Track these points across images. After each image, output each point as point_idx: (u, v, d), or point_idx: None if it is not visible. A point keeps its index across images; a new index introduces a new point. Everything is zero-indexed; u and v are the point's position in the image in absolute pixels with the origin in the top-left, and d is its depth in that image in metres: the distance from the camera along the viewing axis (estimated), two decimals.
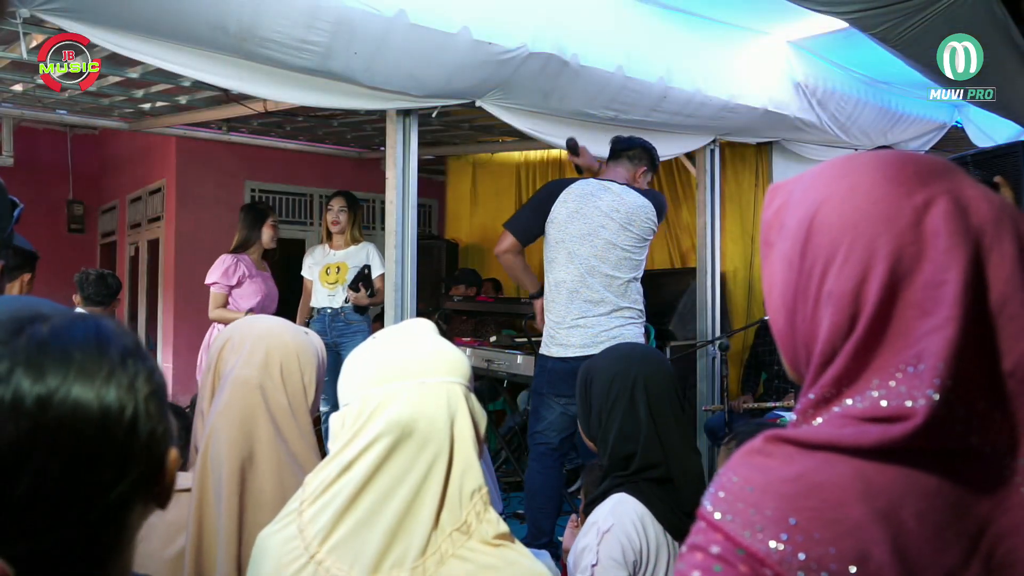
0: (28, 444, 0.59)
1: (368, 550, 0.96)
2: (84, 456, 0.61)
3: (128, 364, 0.66)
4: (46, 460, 0.59)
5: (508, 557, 0.98)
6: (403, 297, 3.28)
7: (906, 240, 0.62)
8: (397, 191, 3.28)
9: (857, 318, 0.63)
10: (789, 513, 0.60)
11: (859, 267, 0.63)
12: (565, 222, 3.11)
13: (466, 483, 0.99)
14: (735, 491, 0.63)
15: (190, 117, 4.51)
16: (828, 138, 4.38)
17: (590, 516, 1.63)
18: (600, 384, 1.69)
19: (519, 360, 4.04)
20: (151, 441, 0.66)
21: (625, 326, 3.08)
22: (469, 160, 5.89)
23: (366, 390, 1.02)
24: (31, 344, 0.63)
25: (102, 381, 0.63)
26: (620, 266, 3.10)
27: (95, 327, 0.67)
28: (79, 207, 6.97)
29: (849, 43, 3.64)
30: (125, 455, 0.63)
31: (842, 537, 0.58)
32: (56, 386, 0.61)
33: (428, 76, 3.01)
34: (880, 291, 0.62)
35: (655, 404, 1.64)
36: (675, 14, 3.54)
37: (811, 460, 0.62)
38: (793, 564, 0.58)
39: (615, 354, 1.79)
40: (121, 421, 0.63)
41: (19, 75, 3.70)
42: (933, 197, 0.63)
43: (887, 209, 0.63)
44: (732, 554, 0.60)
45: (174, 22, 2.50)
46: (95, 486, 0.62)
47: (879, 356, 0.62)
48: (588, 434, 1.75)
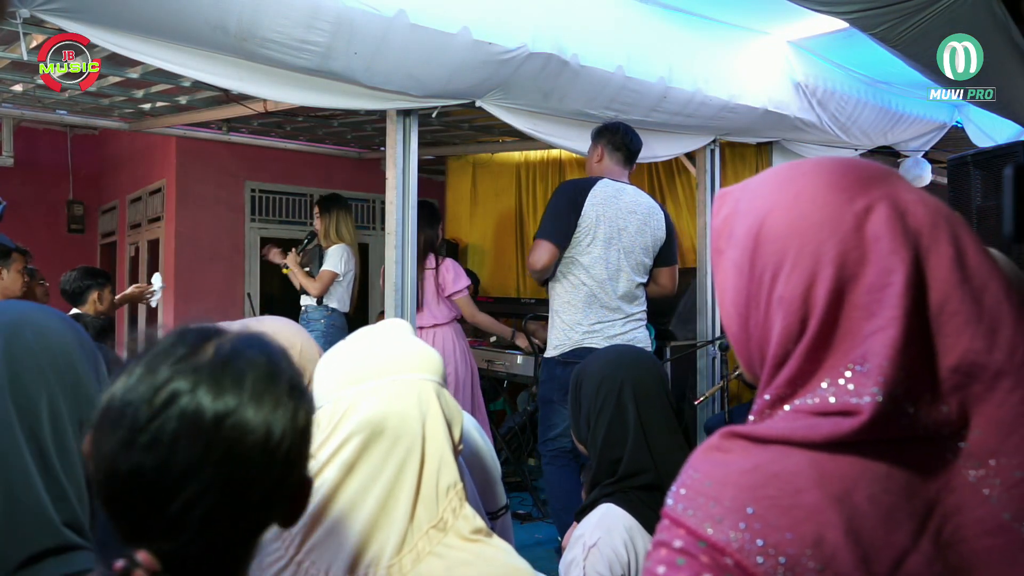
0: (200, 457, 0.63)
1: (345, 550, 0.96)
2: (245, 476, 0.65)
3: (294, 395, 0.70)
4: (212, 474, 0.63)
5: (484, 553, 0.98)
6: (403, 297, 3.28)
7: (849, 245, 0.65)
8: (397, 191, 3.28)
9: (807, 321, 0.66)
10: (747, 503, 0.62)
11: (807, 273, 0.66)
12: (594, 224, 3.01)
13: (441, 479, 0.99)
14: (695, 486, 0.66)
15: (190, 117, 4.51)
16: (828, 138, 4.38)
17: (576, 528, 1.59)
18: (589, 387, 1.67)
19: (519, 360, 4.05)
20: (299, 470, 0.70)
21: (637, 330, 3.06)
22: (469, 160, 5.89)
23: (338, 391, 1.02)
24: (216, 361, 0.67)
25: (270, 409, 0.67)
26: (637, 271, 3.07)
27: (267, 352, 0.71)
28: (79, 207, 6.97)
29: (849, 43, 3.64)
30: (278, 481, 0.67)
31: (798, 522, 0.61)
32: (233, 407, 0.65)
33: (428, 76, 3.01)
34: (827, 295, 0.65)
35: (644, 408, 1.61)
36: (675, 14, 3.54)
37: (766, 453, 0.65)
38: (752, 550, 0.61)
39: (605, 357, 1.76)
40: (280, 449, 0.67)
41: (19, 75, 3.70)
42: (873, 202, 0.66)
43: (830, 216, 0.66)
44: (694, 546, 0.63)
45: (174, 22, 2.50)
46: (248, 505, 0.66)
47: (829, 357, 0.66)
48: (578, 437, 1.73)
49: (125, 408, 0.64)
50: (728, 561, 0.61)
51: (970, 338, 0.64)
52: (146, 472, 0.63)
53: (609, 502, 1.56)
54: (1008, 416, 0.64)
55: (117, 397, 0.65)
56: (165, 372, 0.65)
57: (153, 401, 0.64)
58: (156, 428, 0.63)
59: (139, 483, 0.63)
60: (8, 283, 3.27)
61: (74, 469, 0.87)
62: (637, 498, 1.55)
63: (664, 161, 4.49)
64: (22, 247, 3.35)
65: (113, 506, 0.65)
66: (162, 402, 0.64)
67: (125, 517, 0.65)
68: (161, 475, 0.63)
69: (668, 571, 0.63)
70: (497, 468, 1.57)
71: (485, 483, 1.52)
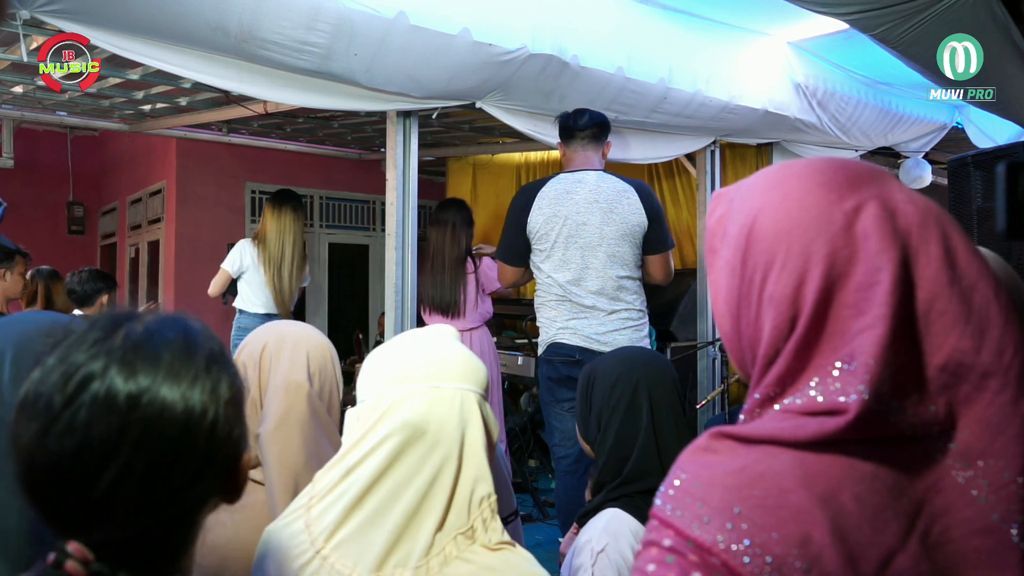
0: (116, 439, 0.62)
1: (373, 549, 0.96)
2: (167, 455, 0.64)
3: (212, 369, 0.69)
4: (131, 456, 0.63)
5: (510, 560, 0.99)
6: (403, 299, 3.28)
7: (839, 244, 0.66)
8: (397, 192, 3.28)
9: (796, 320, 0.66)
10: (734, 503, 0.63)
11: (796, 271, 0.66)
12: (544, 228, 2.92)
13: (477, 490, 1.00)
14: (683, 488, 0.66)
15: (190, 119, 4.51)
16: (829, 139, 4.38)
17: (582, 533, 1.57)
18: (602, 387, 1.67)
19: (520, 361, 4.04)
20: (228, 444, 0.69)
21: (620, 331, 2.88)
22: (469, 161, 5.89)
23: (382, 389, 1.03)
24: (126, 343, 0.66)
25: (188, 384, 0.66)
26: (613, 263, 2.86)
27: (184, 329, 0.70)
28: (79, 208, 6.97)
29: (849, 44, 3.64)
30: (204, 456, 0.66)
31: (784, 522, 0.61)
32: (146, 386, 0.64)
33: (428, 77, 3.01)
34: (816, 293, 0.65)
35: (657, 410, 1.61)
36: (675, 15, 3.54)
37: (753, 453, 0.65)
38: (739, 551, 0.61)
39: (619, 356, 1.76)
40: (203, 424, 0.66)
41: (19, 77, 3.70)
42: (863, 202, 0.67)
43: (820, 215, 0.67)
44: (683, 546, 0.63)
45: (174, 23, 2.50)
46: (174, 484, 0.65)
47: (817, 355, 0.66)
48: (586, 437, 1.72)
49: (39, 399, 0.64)
50: (715, 561, 0.61)
51: (957, 337, 0.64)
52: (64, 460, 0.62)
53: (614, 507, 1.55)
54: (996, 417, 0.64)
55: (32, 389, 0.65)
56: (77, 358, 0.65)
57: (66, 388, 0.63)
58: (70, 415, 0.62)
59: (59, 472, 0.62)
60: (10, 285, 3.27)
61: None
62: (643, 502, 1.54)
63: (664, 162, 4.49)
64: (22, 249, 3.35)
65: (37, 498, 0.64)
66: (74, 388, 0.63)
67: (51, 508, 0.64)
68: (79, 461, 0.62)
69: (658, 569, 0.63)
70: (508, 473, 1.57)
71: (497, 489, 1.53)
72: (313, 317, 5.96)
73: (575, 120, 3.01)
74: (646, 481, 1.54)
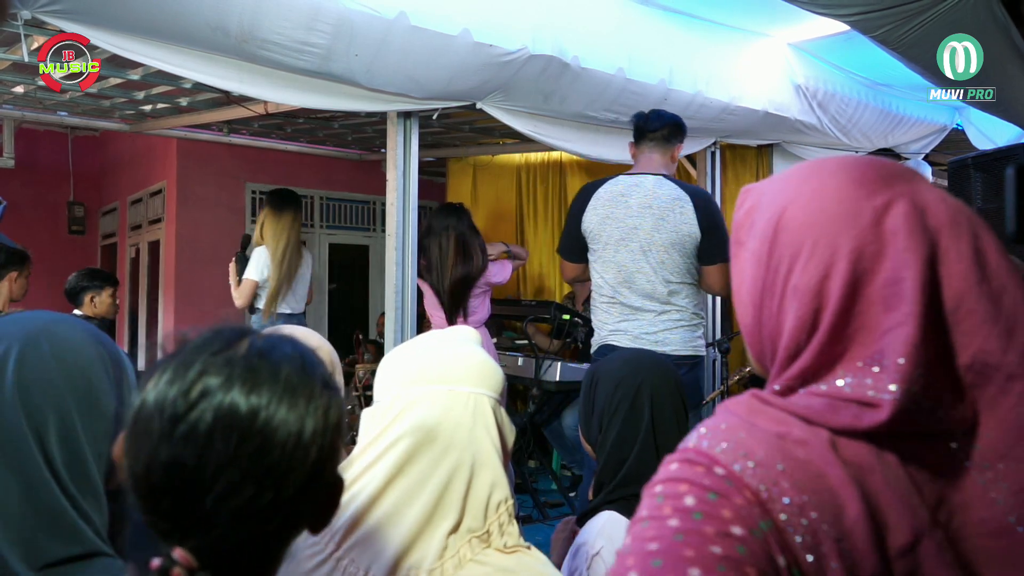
0: (235, 450, 0.64)
1: (388, 550, 0.97)
2: (278, 470, 0.65)
3: (325, 391, 0.70)
4: (247, 467, 0.64)
5: (525, 562, 0.99)
6: (403, 300, 3.28)
7: (867, 239, 0.65)
8: (398, 193, 3.28)
9: (821, 313, 0.66)
10: (777, 460, 0.63)
11: (822, 264, 0.66)
12: (598, 229, 2.88)
13: (494, 494, 1.00)
14: (729, 431, 0.66)
15: (191, 119, 4.51)
16: (829, 140, 4.38)
17: (579, 535, 1.57)
18: (605, 387, 1.67)
19: (520, 362, 4.04)
20: (331, 469, 0.71)
21: (672, 330, 2.80)
22: (470, 162, 5.89)
23: (397, 389, 1.03)
24: (250, 356, 0.68)
25: (304, 404, 0.67)
26: (660, 270, 2.80)
27: (300, 349, 0.72)
28: (80, 209, 6.98)
29: (850, 45, 3.64)
30: (309, 476, 0.68)
31: (821, 492, 0.61)
32: (267, 402, 0.66)
33: (429, 78, 3.01)
34: (843, 287, 0.65)
35: (658, 413, 1.61)
36: (676, 16, 3.54)
37: (792, 421, 0.65)
38: (777, 505, 0.61)
39: (623, 358, 1.76)
40: (313, 444, 0.67)
41: (20, 77, 3.70)
42: (893, 199, 0.66)
43: (849, 209, 0.67)
44: (723, 484, 0.62)
45: (175, 24, 2.50)
46: (280, 499, 0.66)
47: (843, 351, 0.65)
48: (588, 437, 1.73)
49: (162, 403, 0.65)
50: (756, 509, 0.61)
51: (984, 338, 0.63)
52: (184, 463, 0.64)
53: (611, 509, 1.55)
54: (1019, 420, 0.63)
55: (152, 395, 0.66)
56: (199, 368, 0.66)
57: (189, 394, 0.65)
58: (194, 420, 0.64)
59: (177, 474, 0.64)
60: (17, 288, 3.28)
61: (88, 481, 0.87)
62: None
63: None
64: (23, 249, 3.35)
65: (150, 500, 0.66)
66: (197, 395, 0.65)
67: (161, 511, 0.65)
68: (198, 466, 0.63)
69: (697, 504, 0.62)
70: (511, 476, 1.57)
71: None
72: (313, 317, 5.96)
73: (647, 121, 2.91)
74: (643, 483, 1.53)
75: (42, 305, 1.37)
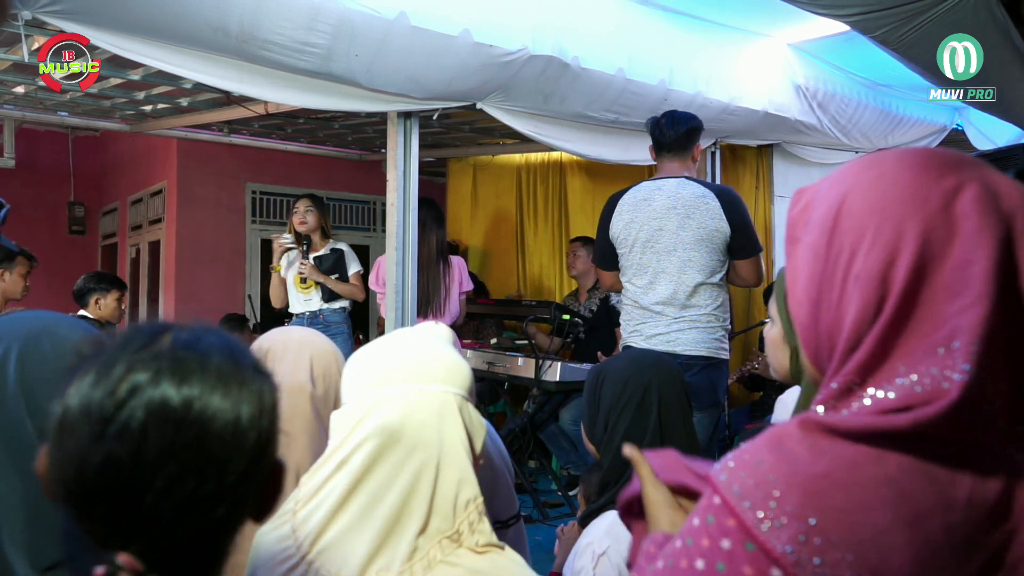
0: (171, 444, 0.62)
1: (357, 553, 0.96)
2: (216, 461, 0.64)
3: (257, 375, 0.69)
4: (185, 460, 0.62)
5: (499, 564, 0.98)
6: (403, 299, 3.28)
7: (936, 223, 0.61)
8: (398, 193, 3.28)
9: (885, 300, 0.61)
10: (810, 512, 0.58)
11: (887, 249, 0.61)
12: (623, 234, 2.93)
13: (461, 493, 0.98)
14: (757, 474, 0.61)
15: (191, 119, 4.52)
16: (829, 141, 4.38)
17: (584, 535, 1.57)
18: (612, 386, 1.66)
19: (520, 362, 4.04)
20: (271, 452, 0.69)
21: (684, 331, 2.83)
22: (470, 162, 5.89)
23: (361, 392, 1.02)
24: (175, 348, 0.65)
25: (237, 391, 0.66)
26: (689, 268, 2.83)
27: (225, 338, 0.70)
28: (80, 209, 6.98)
29: (849, 46, 3.64)
30: (250, 463, 0.66)
31: (862, 544, 0.57)
32: (199, 392, 0.64)
33: (429, 78, 3.01)
34: (909, 272, 0.60)
35: (665, 412, 1.60)
36: (676, 17, 3.54)
37: (842, 457, 0.60)
38: (807, 569, 0.57)
39: (629, 357, 1.76)
40: (250, 431, 0.66)
41: (21, 77, 3.71)
42: (963, 182, 0.62)
43: (916, 193, 0.62)
44: (742, 550, 0.59)
45: (175, 24, 2.50)
46: (221, 492, 0.64)
47: (906, 340, 0.61)
48: (592, 437, 1.72)
49: (88, 406, 0.62)
50: (776, 573, 0.57)
51: None
52: (119, 461, 0.61)
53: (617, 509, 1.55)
54: None
55: (75, 400, 0.63)
56: (123, 366, 0.64)
57: (116, 393, 0.62)
58: (124, 418, 0.61)
59: (113, 474, 0.61)
60: (9, 286, 3.28)
61: None
62: None
63: None
64: (28, 251, 3.35)
65: (85, 507, 0.63)
66: (126, 393, 0.62)
67: (99, 515, 0.63)
68: (134, 463, 0.61)
69: (708, 565, 0.60)
70: (511, 475, 1.56)
71: (497, 491, 1.52)
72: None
73: (660, 132, 2.96)
74: None
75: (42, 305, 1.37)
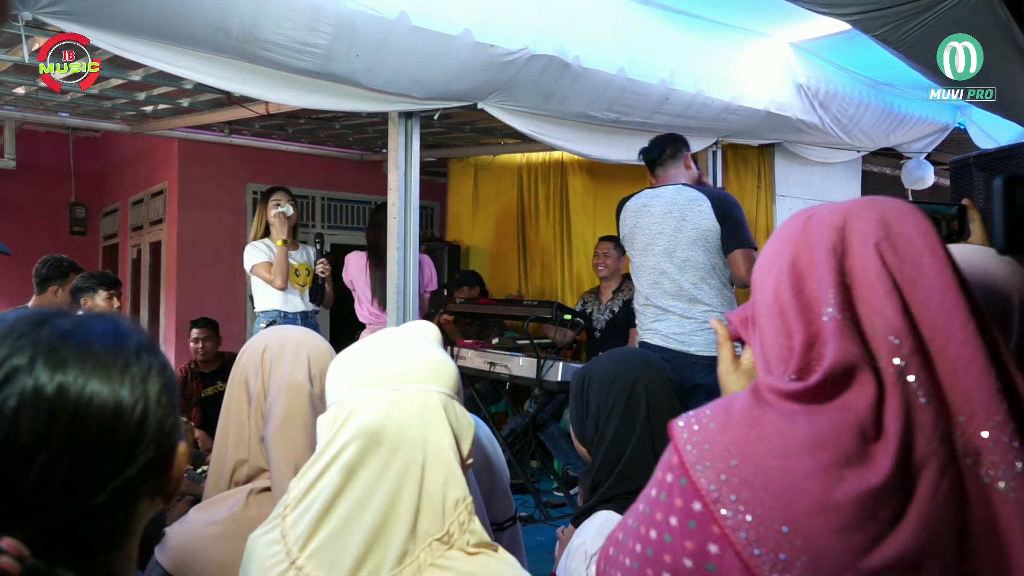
0: (44, 432, 0.63)
1: (345, 557, 0.95)
2: (95, 444, 0.65)
3: (142, 358, 0.70)
4: (59, 447, 0.63)
5: (489, 565, 0.96)
6: (405, 299, 3.28)
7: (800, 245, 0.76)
8: (399, 193, 3.28)
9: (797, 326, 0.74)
10: (733, 456, 0.70)
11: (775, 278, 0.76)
12: (629, 238, 3.15)
13: (449, 493, 0.97)
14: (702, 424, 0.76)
15: (192, 120, 4.52)
16: (830, 140, 4.38)
17: (576, 535, 1.55)
18: (599, 386, 1.64)
19: (521, 362, 4.03)
20: (159, 433, 0.70)
21: (697, 332, 2.95)
22: (471, 162, 5.89)
23: (343, 394, 1.01)
24: (53, 336, 0.67)
25: (117, 374, 0.67)
26: (685, 268, 2.96)
27: (112, 322, 0.71)
28: (81, 209, 6.98)
29: (851, 45, 3.63)
30: (133, 445, 0.67)
31: (777, 486, 0.66)
32: (74, 378, 0.65)
33: (430, 78, 3.01)
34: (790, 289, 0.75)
35: (653, 409, 1.59)
36: (677, 16, 3.54)
37: (773, 411, 0.70)
38: (725, 504, 0.67)
39: (613, 357, 1.74)
40: (132, 413, 0.67)
41: (21, 78, 3.70)
42: (812, 212, 0.78)
43: (788, 232, 0.78)
44: (677, 484, 0.74)
45: (176, 25, 2.50)
46: (103, 472, 0.66)
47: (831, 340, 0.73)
48: (582, 440, 1.70)
49: None
50: (698, 506, 0.69)
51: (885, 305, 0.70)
52: None
53: (608, 509, 1.53)
54: None
55: None
56: (2, 353, 0.65)
57: None
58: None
59: None
60: (60, 301, 3.28)
61: None
62: None
63: None
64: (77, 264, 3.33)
65: None
66: (1, 381, 0.63)
67: None
68: (8, 452, 0.62)
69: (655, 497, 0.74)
70: (506, 477, 1.55)
71: (493, 492, 1.51)
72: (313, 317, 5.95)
73: (646, 153, 3.15)
74: (639, 481, 1.52)
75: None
